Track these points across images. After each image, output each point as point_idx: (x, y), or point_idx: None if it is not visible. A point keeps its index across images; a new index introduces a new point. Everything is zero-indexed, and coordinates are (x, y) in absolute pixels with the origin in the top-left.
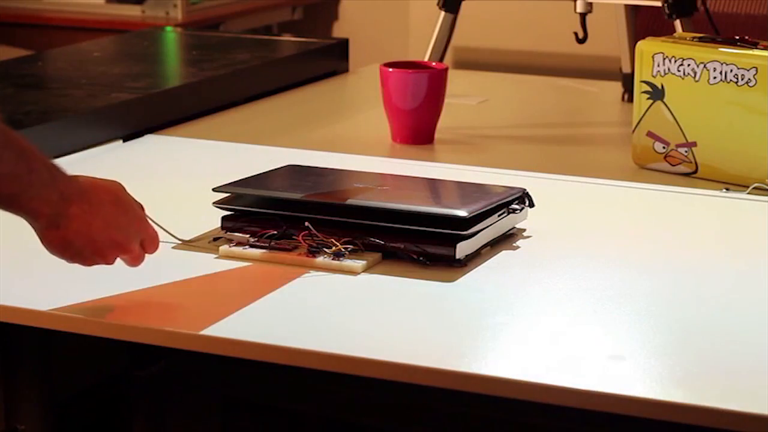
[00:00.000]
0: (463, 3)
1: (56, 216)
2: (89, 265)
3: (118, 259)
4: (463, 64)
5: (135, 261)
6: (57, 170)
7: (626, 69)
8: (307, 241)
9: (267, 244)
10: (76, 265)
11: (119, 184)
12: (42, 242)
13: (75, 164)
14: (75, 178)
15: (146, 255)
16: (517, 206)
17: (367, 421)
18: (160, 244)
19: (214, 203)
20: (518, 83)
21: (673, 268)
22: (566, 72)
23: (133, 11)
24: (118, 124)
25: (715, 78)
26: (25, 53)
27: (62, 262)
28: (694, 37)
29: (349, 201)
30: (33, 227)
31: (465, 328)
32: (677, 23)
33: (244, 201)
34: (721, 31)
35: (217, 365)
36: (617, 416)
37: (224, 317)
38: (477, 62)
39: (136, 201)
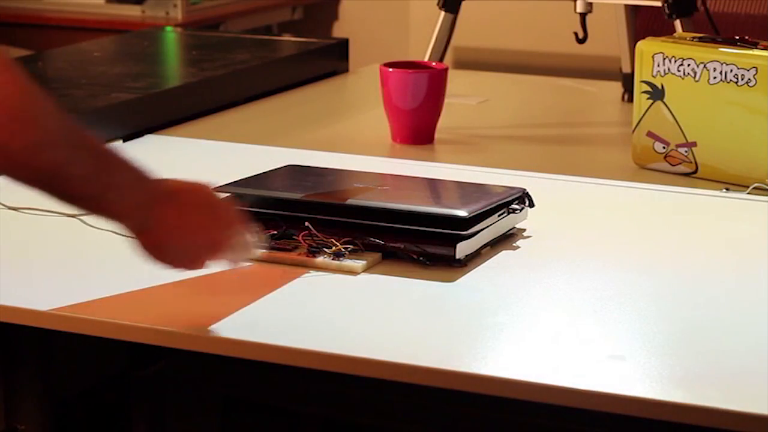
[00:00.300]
0: (463, 3)
1: (146, 219)
2: (182, 268)
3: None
4: (463, 64)
5: (228, 265)
6: (142, 172)
7: (626, 69)
8: (307, 241)
9: (267, 245)
10: (76, 265)
11: (208, 186)
12: (136, 247)
13: None
14: (162, 181)
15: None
16: (517, 206)
17: (367, 421)
18: None
19: None
20: (518, 83)
21: (673, 268)
22: (566, 72)
23: (133, 11)
24: (118, 124)
25: (715, 78)
26: (25, 53)
27: (61, 262)
28: (694, 37)
29: (349, 201)
30: (126, 231)
31: (465, 328)
32: (677, 23)
33: (244, 201)
34: (721, 31)
35: (217, 365)
36: (617, 416)
37: (224, 317)
38: (477, 62)
39: (226, 203)
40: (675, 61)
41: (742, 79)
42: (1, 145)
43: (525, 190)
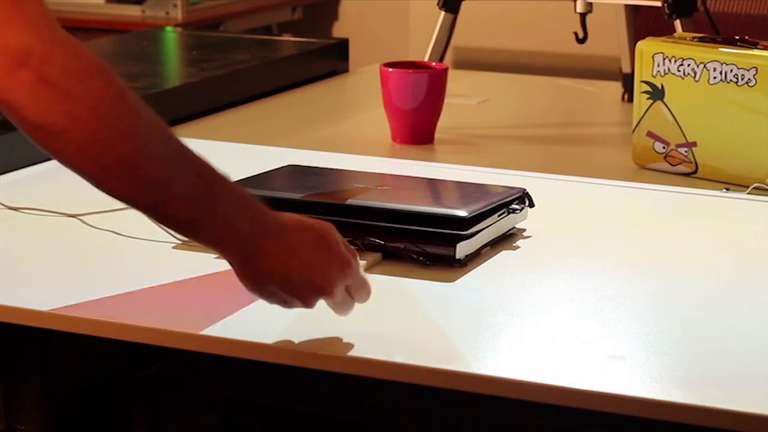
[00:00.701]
0: (463, 3)
1: (247, 249)
2: (287, 306)
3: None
4: (463, 64)
5: (339, 308)
6: (251, 200)
7: (626, 69)
8: None
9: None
10: (76, 265)
11: (329, 225)
12: (238, 277)
13: None
14: (274, 214)
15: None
16: (517, 206)
17: (367, 421)
18: (160, 243)
19: None
20: (518, 83)
21: (673, 268)
22: (566, 72)
23: (133, 11)
24: None
25: (715, 78)
26: None
27: (61, 262)
28: (694, 37)
29: (349, 201)
30: (227, 260)
31: (465, 328)
32: (677, 23)
33: None
34: (721, 31)
35: (217, 365)
36: (617, 416)
37: (224, 317)
38: (477, 62)
39: (347, 245)
40: (675, 61)
41: (742, 79)
42: (95, 157)
43: (525, 190)
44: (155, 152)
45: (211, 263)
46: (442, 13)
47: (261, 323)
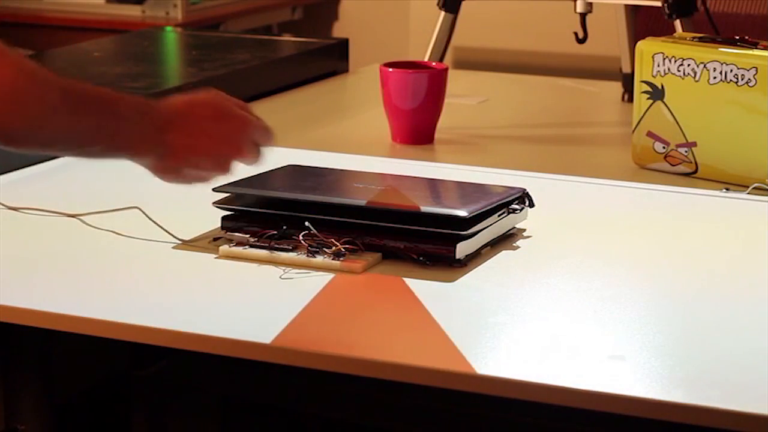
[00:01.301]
0: (463, 3)
1: (158, 148)
2: (208, 180)
3: None
4: (463, 64)
5: (252, 161)
6: (146, 105)
7: (626, 69)
8: (307, 241)
9: (267, 244)
10: (76, 265)
11: (214, 92)
12: (157, 176)
13: (75, 164)
14: (166, 104)
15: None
16: (517, 206)
17: (367, 421)
18: (160, 243)
19: (214, 203)
20: (518, 83)
21: (673, 268)
22: (566, 72)
23: (133, 11)
24: None
25: (715, 78)
26: (25, 53)
27: (61, 262)
28: (694, 37)
29: (349, 201)
30: (141, 165)
31: (465, 328)
32: (677, 23)
33: (244, 201)
34: (721, 31)
35: (217, 365)
36: (617, 416)
37: (225, 318)
38: (477, 62)
39: (237, 102)
40: (675, 61)
41: (742, 79)
42: (5, 127)
43: (525, 190)
44: (55, 107)
45: (211, 263)
46: (442, 13)
47: (261, 323)
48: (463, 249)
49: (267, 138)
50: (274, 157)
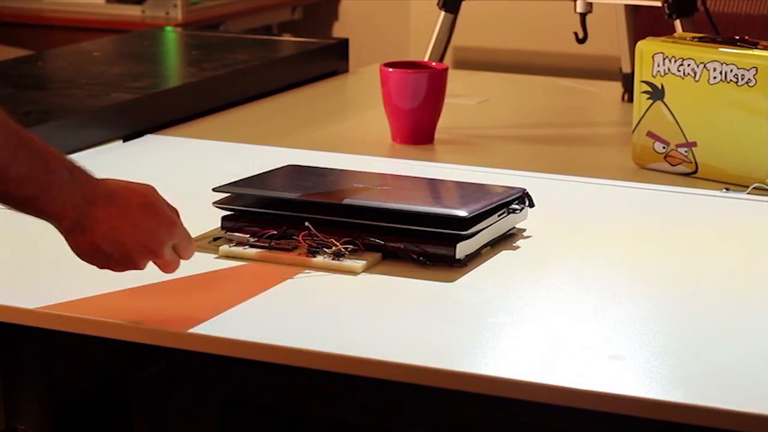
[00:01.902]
0: (463, 3)
1: (80, 218)
2: (120, 270)
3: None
4: (463, 64)
5: (167, 267)
6: (80, 172)
7: (626, 69)
8: (307, 241)
9: (267, 244)
10: (76, 266)
11: (151, 187)
12: (70, 247)
13: None
14: (101, 181)
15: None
16: (517, 206)
17: (368, 421)
18: None
19: (214, 203)
20: (518, 83)
21: (673, 268)
22: (566, 72)
23: (133, 11)
24: (118, 124)
25: (715, 78)
26: (25, 53)
27: (60, 262)
28: (694, 37)
29: (349, 201)
30: (60, 231)
31: (465, 328)
32: (677, 23)
33: (244, 201)
34: (721, 31)
35: (217, 365)
36: (617, 416)
37: (224, 318)
38: (477, 62)
39: (169, 205)
40: (675, 61)
41: (742, 79)
42: None
43: (525, 190)
44: None
45: (212, 263)
46: (442, 13)
47: (261, 323)
48: (463, 249)
49: (187, 249)
50: (275, 157)
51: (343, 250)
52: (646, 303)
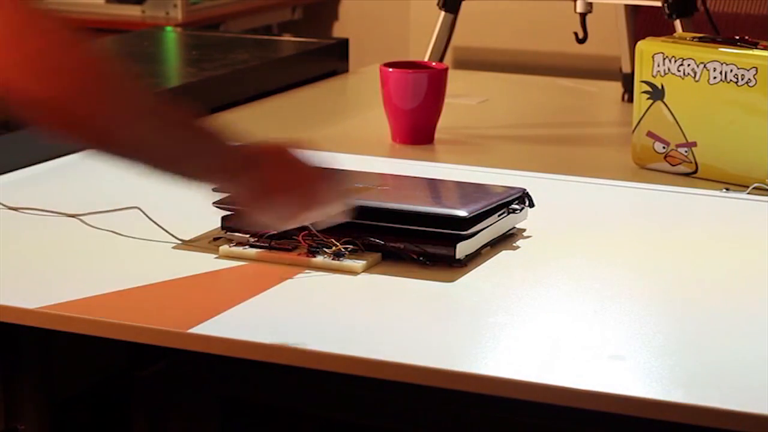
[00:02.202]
0: (463, 3)
1: (232, 185)
2: (272, 228)
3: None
4: (463, 64)
5: (322, 218)
6: (223, 139)
7: (626, 69)
8: (307, 241)
9: (267, 244)
10: (76, 266)
11: (289, 144)
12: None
13: (74, 164)
14: (244, 146)
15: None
16: (517, 206)
17: (367, 421)
18: (160, 243)
19: (214, 203)
20: (518, 83)
21: (673, 268)
22: (566, 72)
23: (133, 11)
24: None
25: (715, 78)
26: None
27: (60, 262)
28: (694, 37)
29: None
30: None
31: (465, 328)
32: (677, 23)
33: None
34: (721, 31)
35: (217, 365)
36: (617, 416)
37: (224, 318)
38: (477, 62)
39: (310, 159)
40: (675, 61)
41: (742, 79)
42: (84, 117)
43: (525, 190)
44: (138, 111)
45: (211, 263)
46: (442, 13)
47: (261, 323)
48: (463, 249)
49: (336, 200)
50: None
51: (343, 250)
52: (646, 303)
